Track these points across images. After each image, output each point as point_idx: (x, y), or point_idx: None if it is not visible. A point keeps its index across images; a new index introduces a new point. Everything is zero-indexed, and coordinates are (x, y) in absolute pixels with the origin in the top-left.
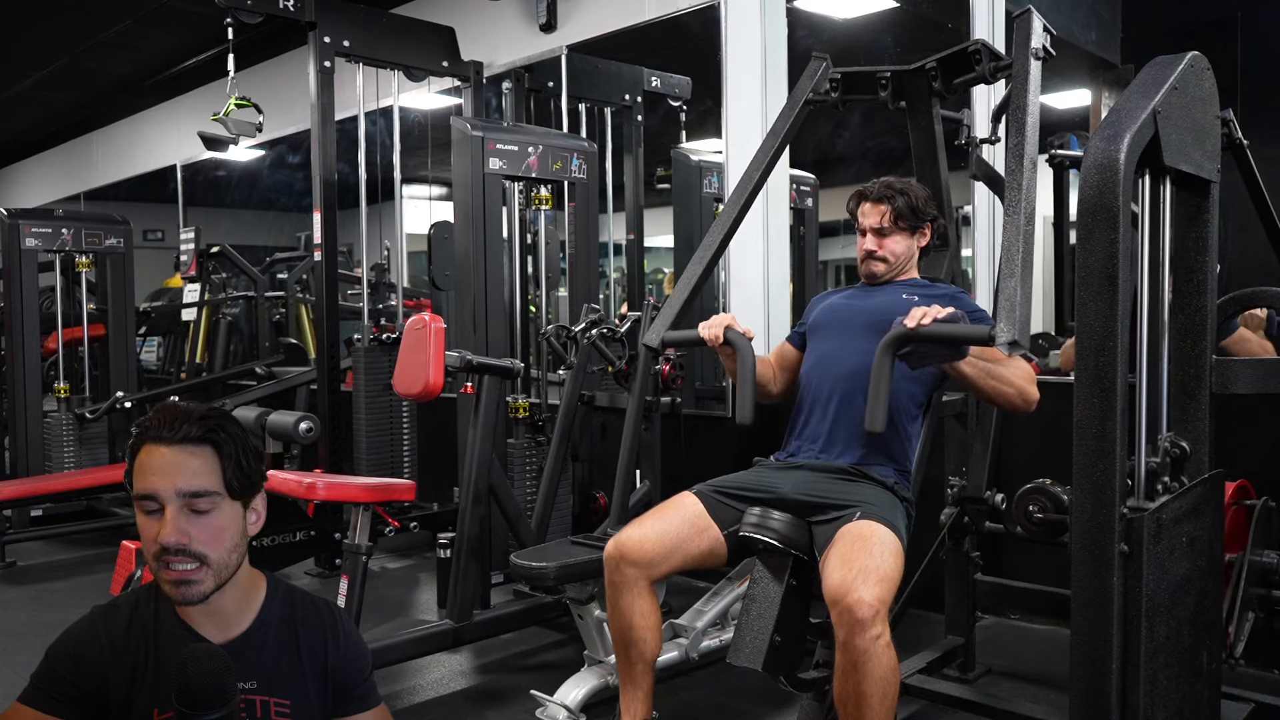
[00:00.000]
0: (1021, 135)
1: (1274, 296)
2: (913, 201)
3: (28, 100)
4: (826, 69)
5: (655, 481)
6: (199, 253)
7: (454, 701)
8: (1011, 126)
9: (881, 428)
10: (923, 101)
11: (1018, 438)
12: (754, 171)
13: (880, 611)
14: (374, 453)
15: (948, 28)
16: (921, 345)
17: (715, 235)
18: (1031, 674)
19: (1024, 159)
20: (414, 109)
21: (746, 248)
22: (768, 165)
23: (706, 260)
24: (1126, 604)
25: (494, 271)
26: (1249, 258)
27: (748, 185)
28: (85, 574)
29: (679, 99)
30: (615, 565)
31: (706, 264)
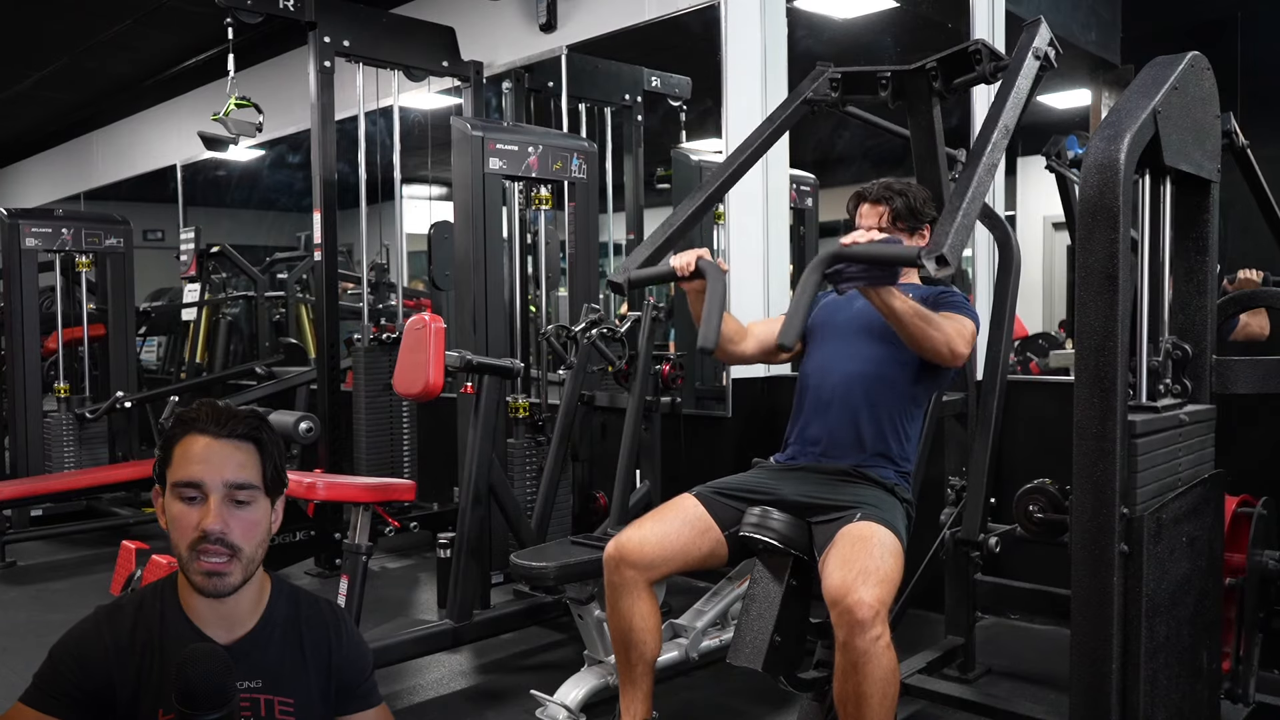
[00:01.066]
0: (1001, 106)
1: (1274, 296)
2: (912, 203)
3: (28, 100)
4: (828, 76)
5: (655, 482)
6: (199, 253)
7: (454, 701)
8: (996, 98)
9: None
10: (923, 101)
11: (1018, 438)
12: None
13: (880, 612)
14: (374, 453)
15: (948, 28)
16: (850, 265)
17: (703, 191)
18: (1031, 674)
19: (998, 125)
20: (414, 109)
21: (746, 248)
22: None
23: (690, 211)
24: (1126, 604)
25: (494, 271)
26: (1249, 258)
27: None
28: (85, 574)
29: (679, 99)
30: (615, 567)
31: (689, 215)
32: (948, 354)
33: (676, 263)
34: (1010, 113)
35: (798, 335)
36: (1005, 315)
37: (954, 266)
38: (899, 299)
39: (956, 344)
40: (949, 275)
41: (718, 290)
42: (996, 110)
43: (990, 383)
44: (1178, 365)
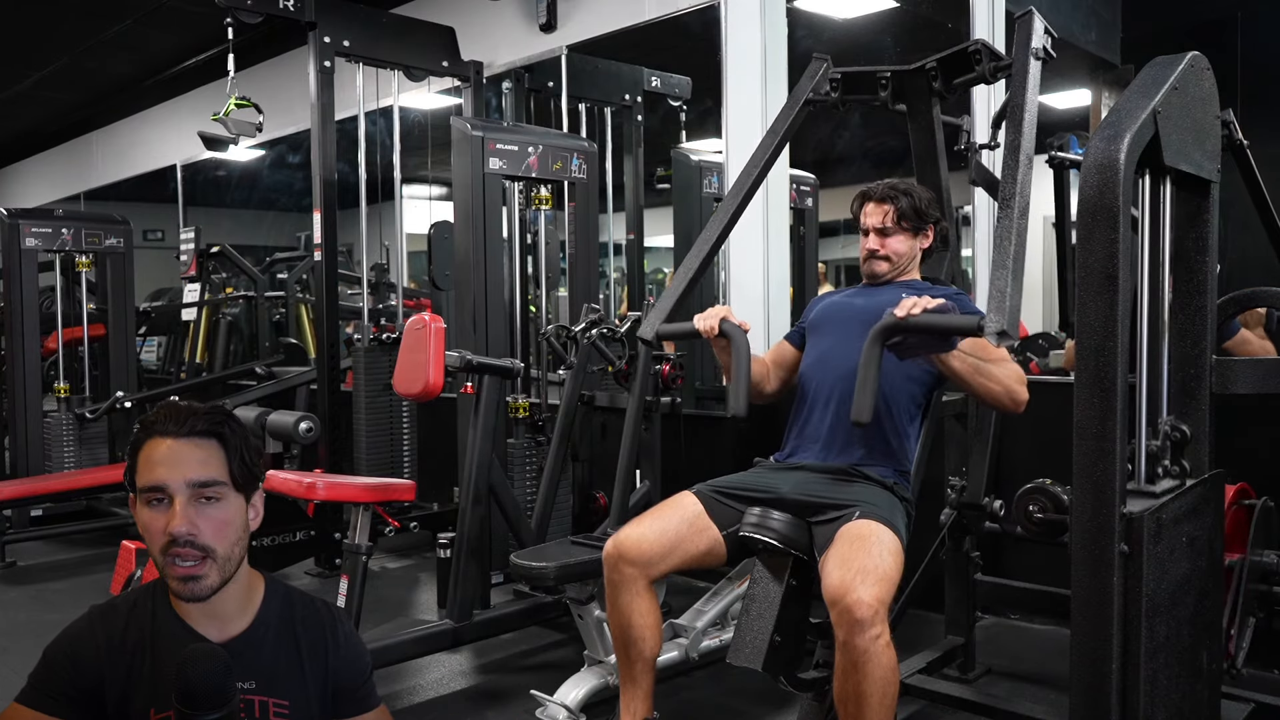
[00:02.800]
0: (1019, 132)
1: (1274, 296)
2: (916, 203)
3: (28, 100)
4: (827, 69)
5: (655, 481)
6: (199, 253)
7: (454, 701)
8: (1009, 123)
9: (868, 419)
10: (923, 102)
11: (1018, 438)
12: (753, 168)
13: (880, 611)
14: (374, 453)
15: (948, 28)
16: (910, 336)
17: (713, 229)
18: (1031, 674)
19: (1020, 154)
20: (414, 109)
21: (746, 248)
22: (767, 161)
23: (704, 254)
24: (1126, 604)
25: (494, 271)
26: (1249, 258)
27: (746, 181)
28: (85, 574)
29: (679, 99)
30: (614, 564)
31: (704, 258)
32: (1010, 404)
33: (701, 325)
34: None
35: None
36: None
37: (1015, 339)
38: (958, 359)
39: (1017, 393)
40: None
41: (742, 356)
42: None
43: None
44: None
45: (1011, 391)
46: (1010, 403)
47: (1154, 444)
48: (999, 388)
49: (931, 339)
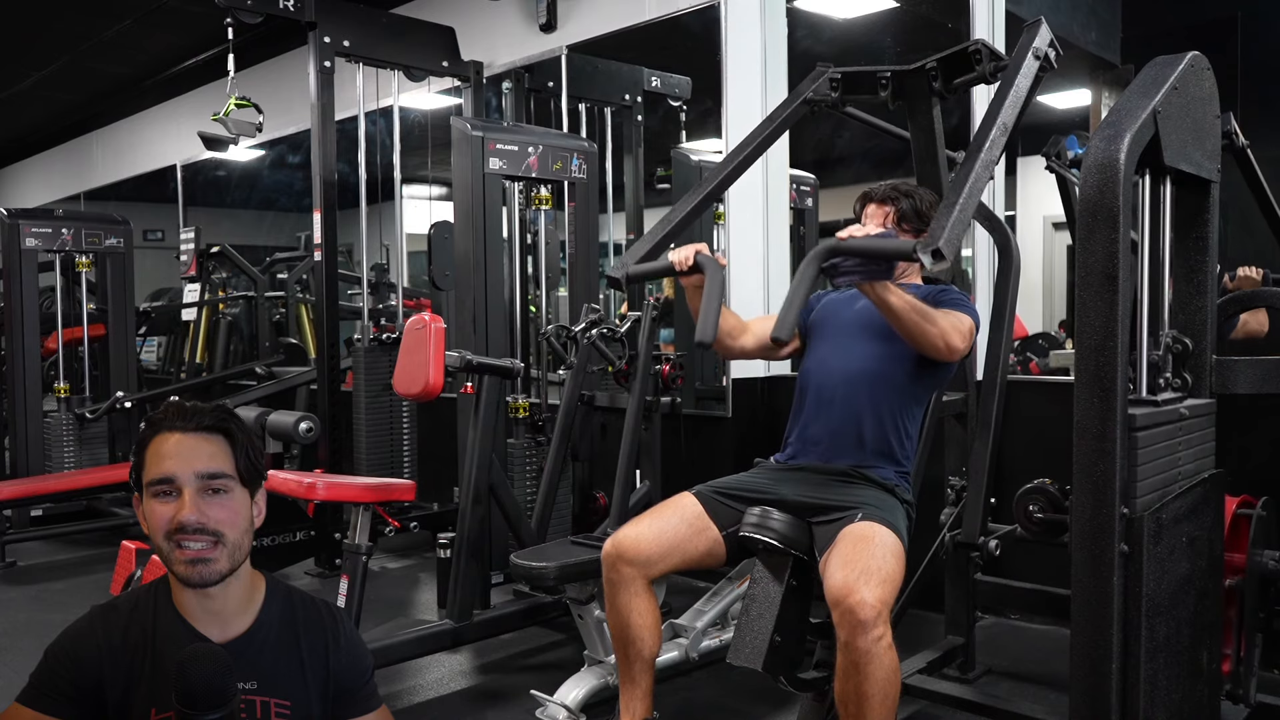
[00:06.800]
0: (1000, 104)
1: (1274, 296)
2: (918, 205)
3: (28, 100)
4: (828, 76)
5: (655, 481)
6: (199, 253)
7: (454, 701)
8: (997, 93)
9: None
10: (923, 101)
11: (1018, 438)
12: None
13: (882, 612)
14: (374, 453)
15: (948, 28)
16: (847, 259)
17: (704, 187)
18: (1031, 674)
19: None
20: (414, 109)
21: (746, 248)
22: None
23: (689, 207)
24: (1126, 604)
25: (494, 271)
26: (1249, 258)
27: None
28: (85, 574)
29: (679, 99)
30: (612, 563)
31: (689, 211)
32: (944, 348)
33: (675, 257)
34: (1009, 111)
35: (792, 329)
36: (1005, 316)
37: (950, 260)
38: (895, 294)
39: (952, 338)
40: (945, 269)
41: (716, 284)
42: (996, 108)
43: (990, 383)
44: (1178, 359)
45: (946, 334)
46: (945, 347)
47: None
48: (934, 329)
49: (869, 264)
